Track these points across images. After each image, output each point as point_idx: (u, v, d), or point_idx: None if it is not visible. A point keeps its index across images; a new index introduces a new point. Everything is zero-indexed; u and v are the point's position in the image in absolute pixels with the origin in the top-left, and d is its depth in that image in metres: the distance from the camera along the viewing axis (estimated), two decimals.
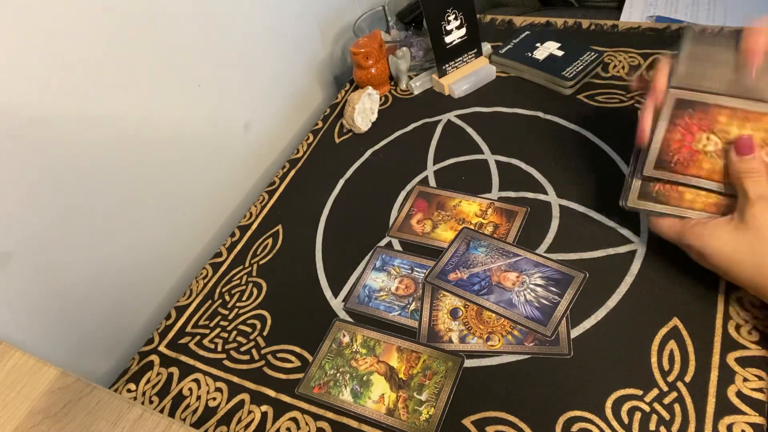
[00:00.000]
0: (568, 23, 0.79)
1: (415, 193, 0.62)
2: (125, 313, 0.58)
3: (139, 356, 0.55)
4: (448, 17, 0.68)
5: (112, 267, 0.55)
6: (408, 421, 0.44)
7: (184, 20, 0.57)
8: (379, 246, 0.58)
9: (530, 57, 0.72)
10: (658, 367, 0.43)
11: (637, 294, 0.48)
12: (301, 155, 0.72)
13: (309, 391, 0.48)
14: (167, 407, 0.50)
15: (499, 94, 0.71)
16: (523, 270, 0.52)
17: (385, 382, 0.47)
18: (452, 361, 0.47)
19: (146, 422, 0.36)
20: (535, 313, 0.48)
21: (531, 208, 0.57)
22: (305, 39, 0.78)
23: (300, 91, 0.79)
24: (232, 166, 0.69)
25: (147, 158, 0.56)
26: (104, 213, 0.53)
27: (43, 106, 0.46)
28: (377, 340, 0.50)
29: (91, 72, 0.49)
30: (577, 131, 0.63)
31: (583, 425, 0.41)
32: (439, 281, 0.53)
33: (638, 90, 0.64)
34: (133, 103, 0.54)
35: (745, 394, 0.40)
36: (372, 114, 0.73)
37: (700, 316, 0.45)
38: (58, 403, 0.38)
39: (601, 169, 0.58)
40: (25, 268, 0.47)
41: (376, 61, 0.73)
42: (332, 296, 0.55)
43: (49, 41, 0.45)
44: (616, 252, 0.51)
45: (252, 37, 0.67)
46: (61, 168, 0.48)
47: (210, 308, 0.57)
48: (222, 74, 0.64)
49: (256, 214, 0.66)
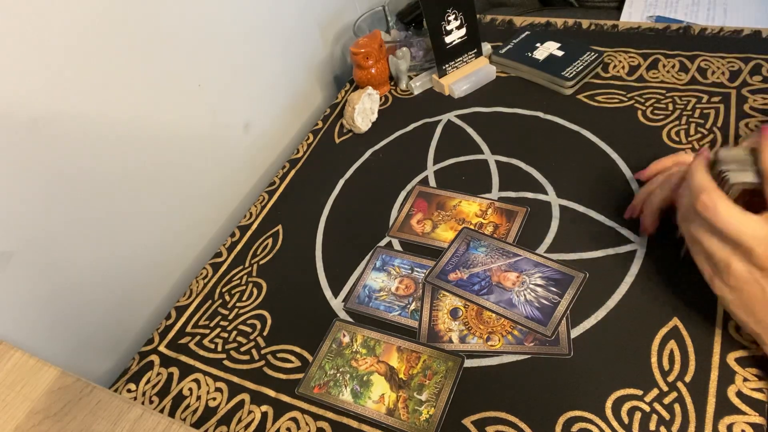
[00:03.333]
0: (568, 23, 0.79)
1: (415, 193, 0.62)
2: (125, 313, 0.58)
3: (139, 356, 0.55)
4: (448, 17, 0.68)
5: (113, 267, 0.55)
6: (408, 421, 0.44)
7: (184, 20, 0.57)
8: (379, 246, 0.58)
9: (530, 57, 0.72)
10: (658, 367, 0.43)
11: (637, 294, 0.48)
12: (301, 155, 0.72)
13: (309, 391, 0.48)
14: (167, 407, 0.50)
15: (499, 94, 0.71)
16: (523, 270, 0.52)
17: (385, 382, 0.47)
18: (452, 361, 0.47)
19: (146, 422, 0.36)
20: (535, 313, 0.48)
21: (531, 208, 0.57)
22: (305, 39, 0.78)
23: (300, 91, 0.79)
24: (232, 166, 0.69)
25: (147, 158, 0.56)
26: (104, 213, 0.53)
27: (43, 106, 0.46)
28: (377, 340, 0.50)
29: (91, 72, 0.49)
30: (577, 131, 0.63)
31: (583, 425, 0.41)
32: (439, 281, 0.53)
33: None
34: (134, 103, 0.54)
35: (745, 394, 0.40)
36: (372, 114, 0.73)
37: (700, 316, 0.45)
38: (58, 403, 0.38)
39: (601, 169, 0.58)
40: (26, 267, 0.47)
41: (376, 61, 0.73)
42: (332, 296, 0.55)
43: (50, 42, 0.45)
44: (616, 252, 0.51)
45: (252, 37, 0.67)
46: (62, 168, 0.48)
47: (210, 308, 0.57)
48: (222, 74, 0.64)
49: (256, 214, 0.66)
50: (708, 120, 0.60)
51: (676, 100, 0.63)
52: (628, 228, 0.52)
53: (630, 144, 0.60)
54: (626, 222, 0.53)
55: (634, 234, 0.52)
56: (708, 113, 0.60)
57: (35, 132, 0.45)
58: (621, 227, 0.53)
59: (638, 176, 0.54)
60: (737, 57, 0.66)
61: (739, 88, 0.62)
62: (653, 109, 0.63)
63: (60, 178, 0.48)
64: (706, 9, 0.79)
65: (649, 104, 0.63)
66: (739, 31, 0.69)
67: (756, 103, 0.60)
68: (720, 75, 0.64)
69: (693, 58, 0.67)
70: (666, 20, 0.77)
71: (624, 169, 0.58)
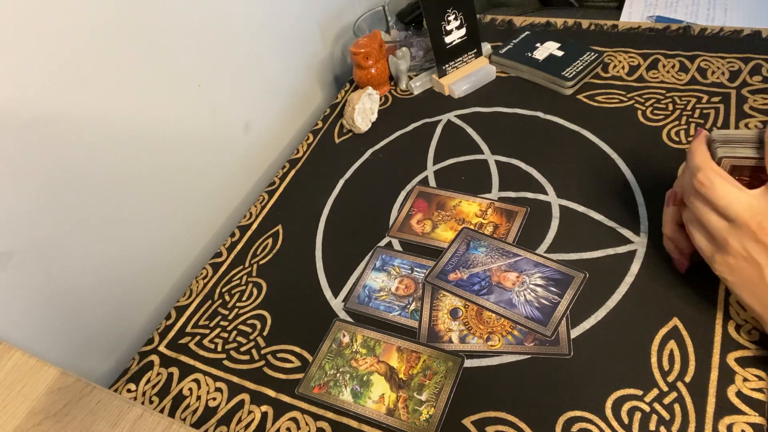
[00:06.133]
0: (568, 23, 0.79)
1: (415, 193, 0.62)
2: (125, 313, 0.58)
3: (139, 356, 0.55)
4: (448, 17, 0.68)
5: (113, 267, 0.55)
6: (408, 421, 0.44)
7: (184, 20, 0.57)
8: (379, 246, 0.58)
9: (530, 57, 0.72)
10: (658, 367, 0.43)
11: (637, 294, 0.48)
12: (301, 155, 0.72)
13: (309, 391, 0.48)
14: (167, 407, 0.50)
15: (499, 94, 0.71)
16: (523, 270, 0.52)
17: (385, 382, 0.47)
18: (452, 361, 0.47)
19: (146, 422, 0.36)
20: (535, 313, 0.48)
21: (531, 208, 0.57)
22: (305, 39, 0.78)
23: (300, 91, 0.79)
24: (232, 166, 0.69)
25: (147, 158, 0.56)
26: (104, 213, 0.53)
27: (43, 106, 0.46)
28: (377, 340, 0.50)
29: (91, 72, 0.49)
30: (577, 131, 0.63)
31: (583, 425, 0.41)
32: (439, 281, 0.53)
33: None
34: (134, 103, 0.54)
35: (745, 394, 0.40)
36: (372, 114, 0.73)
37: (700, 316, 0.45)
38: (58, 403, 0.38)
39: (601, 169, 0.58)
40: (26, 268, 0.47)
41: (376, 61, 0.73)
42: (332, 296, 0.55)
43: (50, 42, 0.45)
44: (616, 252, 0.51)
45: (252, 36, 0.67)
46: (62, 167, 0.48)
47: (210, 308, 0.57)
48: (222, 74, 0.64)
49: (256, 214, 0.66)
50: (708, 120, 0.60)
51: (676, 100, 0.63)
52: (628, 228, 0.52)
53: (630, 144, 0.60)
54: (626, 222, 0.53)
55: (634, 234, 0.52)
56: (708, 113, 0.60)
57: (35, 132, 0.45)
58: (621, 227, 0.53)
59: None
60: (737, 57, 0.66)
61: (739, 88, 0.62)
62: (653, 109, 0.63)
63: (60, 178, 0.48)
64: (706, 9, 0.79)
65: (649, 104, 0.63)
66: (739, 31, 0.69)
67: (756, 104, 0.60)
68: (720, 75, 0.64)
69: (693, 58, 0.67)
70: (666, 20, 0.77)
71: (624, 169, 0.58)
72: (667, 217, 0.46)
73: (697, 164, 0.40)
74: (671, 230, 0.46)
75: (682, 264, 0.47)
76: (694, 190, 0.40)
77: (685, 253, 0.46)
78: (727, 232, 0.38)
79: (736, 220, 0.37)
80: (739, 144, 0.40)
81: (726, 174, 0.39)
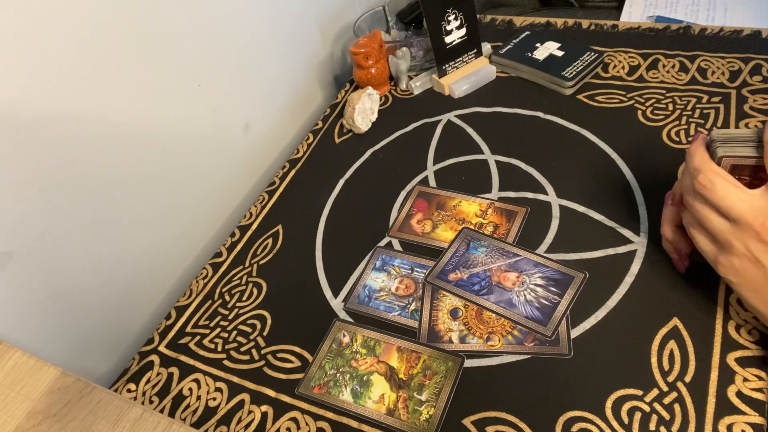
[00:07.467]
0: (568, 23, 0.79)
1: (415, 193, 0.62)
2: (125, 313, 0.58)
3: (139, 356, 0.55)
4: (448, 17, 0.68)
5: (113, 267, 0.55)
6: (408, 421, 0.44)
7: (184, 20, 0.57)
8: (379, 246, 0.58)
9: (530, 57, 0.72)
10: (658, 367, 0.43)
11: (637, 294, 0.48)
12: (301, 155, 0.72)
13: (309, 391, 0.48)
14: (167, 407, 0.50)
15: (499, 94, 0.71)
16: (523, 270, 0.52)
17: (385, 382, 0.47)
18: (452, 361, 0.47)
19: (146, 422, 0.36)
20: (535, 313, 0.48)
21: (531, 208, 0.57)
22: (305, 39, 0.78)
23: (300, 91, 0.79)
24: (232, 166, 0.69)
25: (146, 158, 0.56)
26: (105, 213, 0.53)
27: (43, 106, 0.46)
28: (377, 340, 0.50)
29: (91, 72, 0.49)
30: (577, 131, 0.63)
31: (583, 425, 0.41)
32: (439, 281, 0.53)
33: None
34: (133, 103, 0.54)
35: (745, 394, 0.40)
36: (372, 114, 0.73)
37: (700, 316, 0.45)
38: (58, 403, 0.38)
39: (601, 169, 0.58)
40: (26, 267, 0.47)
41: (376, 61, 0.73)
42: (332, 296, 0.55)
43: (50, 42, 0.45)
44: (616, 252, 0.51)
45: (252, 37, 0.67)
46: (62, 168, 0.48)
47: (210, 308, 0.57)
48: (222, 74, 0.64)
49: (256, 214, 0.66)
50: (708, 120, 0.60)
51: (676, 100, 0.63)
52: (628, 228, 0.52)
53: (630, 144, 0.60)
54: (626, 222, 0.53)
55: (634, 234, 0.52)
56: (708, 113, 0.60)
57: (35, 132, 0.45)
58: (621, 227, 0.53)
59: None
60: (737, 57, 0.66)
61: (739, 88, 0.62)
62: (653, 109, 0.63)
63: (60, 178, 0.48)
64: (706, 9, 0.79)
65: (649, 104, 0.63)
66: (739, 31, 0.69)
67: (756, 104, 0.60)
68: (720, 75, 0.64)
69: (693, 58, 0.67)
70: (666, 20, 0.77)
71: (624, 169, 0.58)
72: (666, 218, 0.46)
73: (697, 166, 0.40)
74: (670, 231, 0.46)
75: (681, 264, 0.47)
76: (694, 192, 0.40)
77: (684, 254, 0.46)
78: (729, 233, 0.38)
79: (739, 221, 0.37)
80: (739, 143, 0.40)
81: (726, 174, 0.39)
